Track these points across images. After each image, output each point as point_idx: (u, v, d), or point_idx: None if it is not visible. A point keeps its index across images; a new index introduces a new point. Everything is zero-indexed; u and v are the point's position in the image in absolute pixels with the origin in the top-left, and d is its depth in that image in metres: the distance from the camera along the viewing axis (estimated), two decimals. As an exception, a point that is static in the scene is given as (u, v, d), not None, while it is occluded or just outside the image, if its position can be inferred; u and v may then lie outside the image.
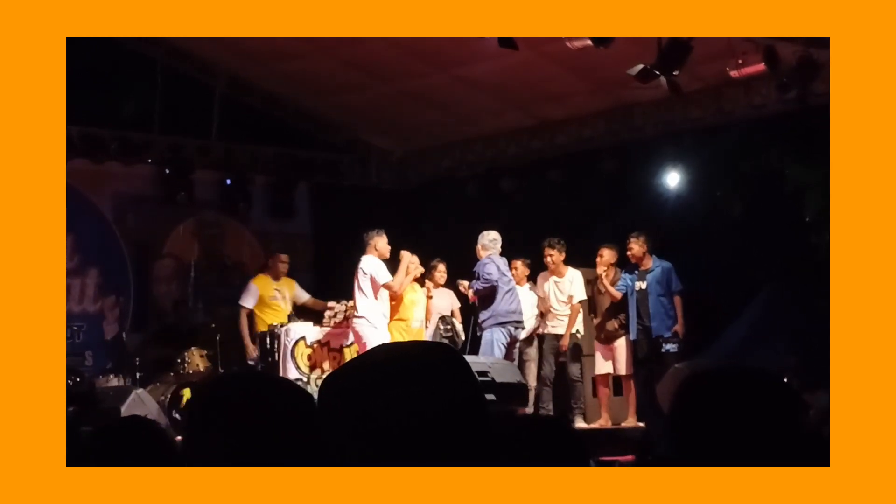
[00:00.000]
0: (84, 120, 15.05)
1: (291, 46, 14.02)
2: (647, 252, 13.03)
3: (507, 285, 12.57)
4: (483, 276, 12.46)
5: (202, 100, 15.98)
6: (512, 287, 12.63)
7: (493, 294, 12.45)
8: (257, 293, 13.47)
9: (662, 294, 12.88)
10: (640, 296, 13.00)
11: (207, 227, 16.37)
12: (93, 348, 14.66)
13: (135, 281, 15.70)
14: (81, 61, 14.79)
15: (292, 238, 16.89)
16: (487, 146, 16.44)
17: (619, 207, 14.53)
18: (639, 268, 13.09)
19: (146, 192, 15.76)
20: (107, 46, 14.91)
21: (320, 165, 17.25)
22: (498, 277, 12.48)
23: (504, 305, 12.46)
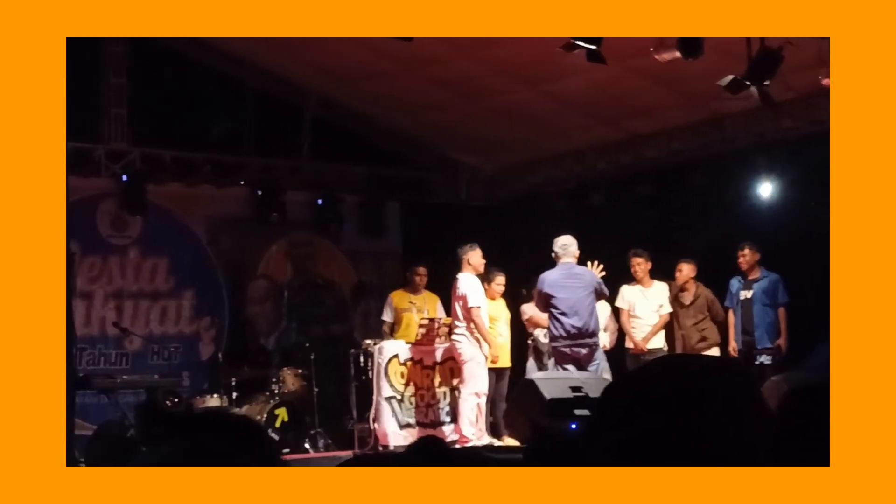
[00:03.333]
0: (176, 144, 15.29)
1: (379, 66, 14.12)
2: (758, 262, 12.88)
3: (562, 304, 11.81)
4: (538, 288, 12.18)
5: (292, 121, 16.15)
6: (565, 307, 11.84)
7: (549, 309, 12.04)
8: (393, 306, 13.54)
9: (768, 304, 12.70)
10: (745, 305, 12.84)
11: (299, 247, 16.49)
12: (189, 369, 14.83)
13: (229, 302, 15.86)
14: (172, 85, 15.08)
15: (383, 256, 16.98)
16: (576, 161, 16.39)
17: (709, 220, 14.40)
18: (746, 277, 12.93)
19: (239, 213, 15.92)
20: (197, 70, 15.15)
21: (410, 183, 17.32)
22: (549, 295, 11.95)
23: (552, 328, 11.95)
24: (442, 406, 13.09)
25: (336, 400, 14.08)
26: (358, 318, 16.62)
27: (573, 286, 11.88)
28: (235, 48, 14.79)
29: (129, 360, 14.88)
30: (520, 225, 16.62)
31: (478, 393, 12.35)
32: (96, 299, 14.81)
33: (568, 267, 11.98)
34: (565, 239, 12.15)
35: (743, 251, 12.90)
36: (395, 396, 12.76)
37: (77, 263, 13.45)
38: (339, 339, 15.80)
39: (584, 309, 11.80)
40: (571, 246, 12.10)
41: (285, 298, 15.94)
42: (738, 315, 12.91)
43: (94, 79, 14.68)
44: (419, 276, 13.65)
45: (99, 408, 13.37)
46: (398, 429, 12.67)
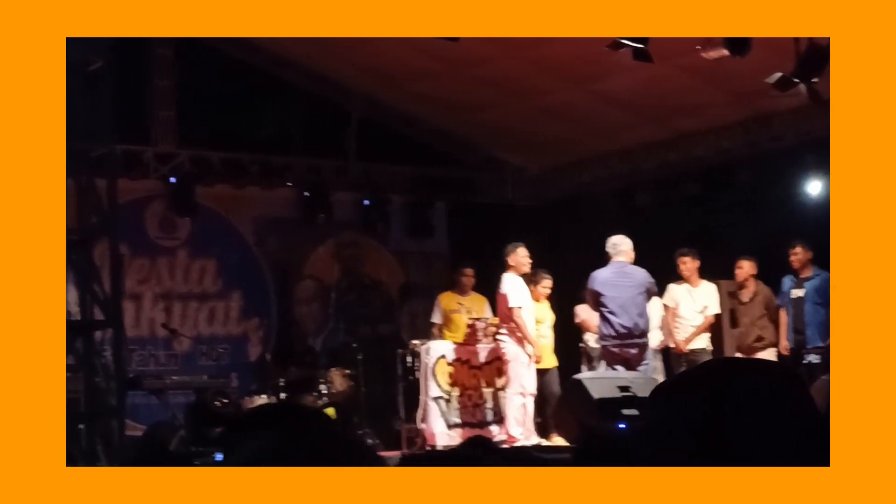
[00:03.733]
0: (224, 145, 15.38)
1: (425, 66, 14.14)
2: (811, 260, 12.74)
3: (611, 303, 11.74)
4: (589, 286, 12.16)
5: (339, 122, 16.19)
6: (614, 305, 11.77)
7: (598, 308, 11.99)
8: (442, 307, 13.55)
9: (819, 303, 12.58)
10: (797, 304, 12.73)
11: (346, 248, 16.53)
12: (238, 370, 14.90)
13: (277, 302, 15.92)
14: (220, 87, 15.17)
15: (430, 256, 16.99)
16: (623, 160, 16.33)
17: (757, 219, 14.31)
18: (798, 275, 12.82)
19: (286, 214, 15.98)
20: (244, 71, 15.23)
21: (456, 184, 17.32)
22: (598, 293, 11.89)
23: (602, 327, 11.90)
24: (489, 406, 13.08)
25: (383, 400, 14.10)
26: (405, 319, 16.64)
27: (623, 285, 11.81)
28: (282, 50, 14.85)
29: (178, 360, 14.97)
30: (567, 225, 16.58)
31: (523, 392, 12.33)
32: (145, 301, 14.91)
33: (619, 266, 11.93)
34: (616, 238, 12.10)
35: (795, 250, 12.78)
36: (442, 396, 12.77)
37: (126, 265, 13.54)
38: (387, 339, 15.81)
39: (634, 308, 11.73)
40: (622, 245, 12.03)
41: (332, 299, 15.97)
42: (789, 314, 12.81)
43: (142, 81, 14.78)
44: (466, 277, 13.64)
45: (149, 408, 13.45)
46: (446, 429, 12.67)
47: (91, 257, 10.64)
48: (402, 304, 16.78)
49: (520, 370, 12.30)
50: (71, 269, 10.79)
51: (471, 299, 13.62)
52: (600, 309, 11.84)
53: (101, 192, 10.58)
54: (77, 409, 10.39)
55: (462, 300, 13.59)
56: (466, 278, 13.63)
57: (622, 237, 12.11)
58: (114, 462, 9.66)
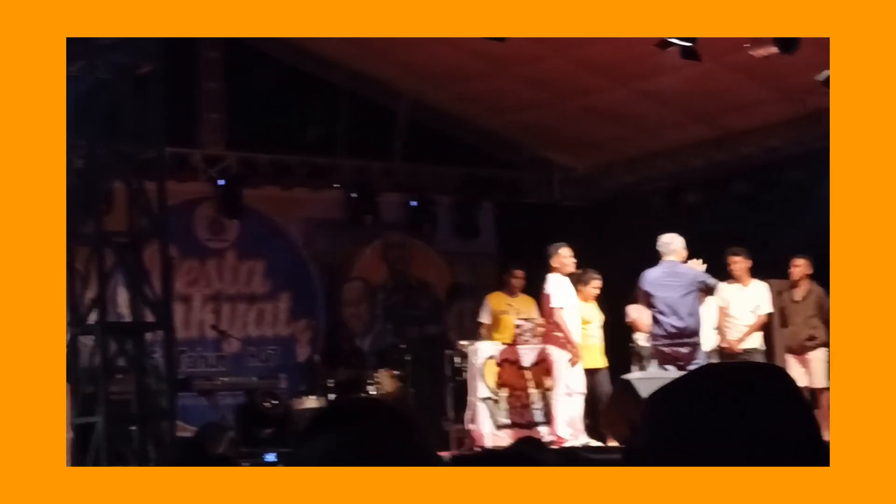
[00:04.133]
0: (272, 147, 15.45)
1: (472, 66, 14.14)
2: None
3: (660, 303, 11.66)
4: (639, 285, 12.07)
5: (385, 123, 16.21)
6: (663, 305, 11.69)
7: (649, 307, 11.89)
8: (490, 308, 13.55)
9: None
10: None
11: (394, 249, 16.56)
12: (286, 371, 14.94)
13: (325, 304, 15.98)
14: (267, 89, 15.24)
15: (477, 257, 16.98)
16: (671, 160, 16.25)
17: (806, 218, 14.19)
18: None
19: (333, 216, 16.03)
20: (291, 74, 15.30)
21: (503, 184, 17.31)
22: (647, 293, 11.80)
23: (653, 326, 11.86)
24: (537, 407, 13.05)
25: (431, 401, 14.10)
26: (453, 319, 16.64)
27: (673, 285, 11.71)
28: (329, 51, 14.89)
29: (227, 362, 15.05)
30: (614, 225, 16.52)
31: (570, 393, 12.29)
32: (195, 302, 15.00)
33: (670, 265, 11.84)
34: (667, 237, 12.00)
35: None
36: (490, 397, 12.75)
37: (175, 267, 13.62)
38: (435, 340, 15.82)
39: (684, 308, 11.64)
40: (673, 244, 11.93)
41: (380, 300, 16.02)
42: None
43: (190, 84, 14.87)
44: (516, 278, 13.61)
45: (199, 409, 13.53)
46: (494, 429, 12.65)
47: (141, 260, 10.71)
48: (449, 305, 16.79)
49: (566, 371, 12.27)
50: (122, 271, 10.88)
51: (520, 300, 13.59)
52: (651, 309, 11.78)
53: (150, 194, 10.64)
54: (128, 411, 10.47)
55: (511, 301, 13.57)
56: (516, 279, 13.60)
57: (673, 236, 12.01)
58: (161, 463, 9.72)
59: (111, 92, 10.48)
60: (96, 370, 10.31)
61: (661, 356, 11.75)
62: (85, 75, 10.43)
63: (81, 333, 10.72)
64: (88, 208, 10.64)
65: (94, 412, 10.23)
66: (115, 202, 11.62)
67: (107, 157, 10.67)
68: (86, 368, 10.52)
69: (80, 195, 10.74)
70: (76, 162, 11.13)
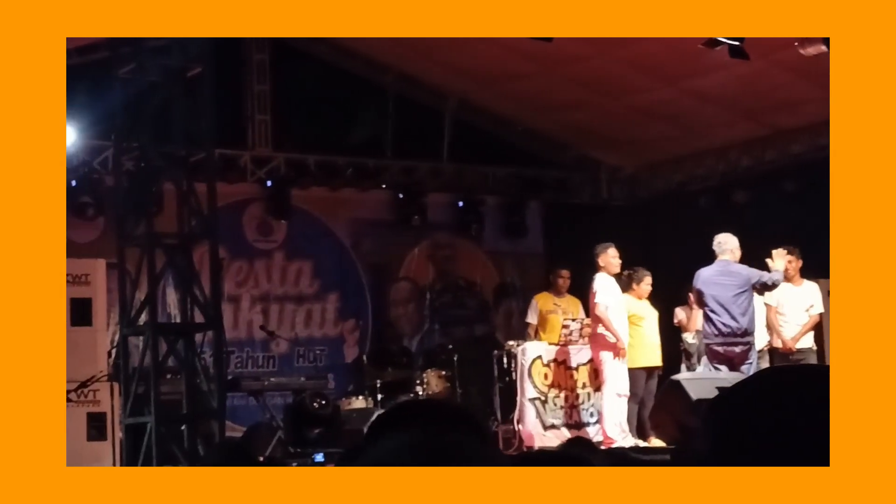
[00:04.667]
0: (319, 148, 15.52)
1: (519, 66, 14.14)
2: None
3: (712, 301, 11.52)
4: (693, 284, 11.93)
5: (432, 123, 16.24)
6: (715, 304, 11.53)
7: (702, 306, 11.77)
8: (538, 308, 13.54)
9: None
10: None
11: (441, 249, 16.58)
12: (334, 371, 15.00)
13: (372, 304, 16.02)
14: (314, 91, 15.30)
15: (525, 257, 16.97)
16: (719, 158, 16.18)
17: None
18: None
19: (381, 216, 16.08)
20: (338, 75, 15.36)
21: (550, 184, 17.30)
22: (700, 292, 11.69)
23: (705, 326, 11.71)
24: (585, 407, 13.03)
25: (479, 401, 14.11)
26: (500, 320, 16.64)
27: (726, 284, 11.62)
28: (376, 52, 14.93)
29: (275, 362, 15.12)
30: (662, 224, 16.46)
31: (619, 393, 12.26)
32: (243, 303, 15.08)
33: (724, 264, 11.75)
34: (722, 237, 11.90)
35: None
36: (539, 398, 12.74)
37: (224, 268, 13.69)
38: (482, 340, 15.84)
39: (736, 308, 11.56)
40: (727, 243, 11.83)
41: (428, 300, 16.04)
42: None
43: (238, 87, 14.96)
44: (563, 278, 13.60)
45: (247, 409, 13.61)
46: (542, 430, 12.64)
47: (191, 261, 10.78)
48: (496, 305, 16.79)
49: (615, 371, 12.24)
50: (171, 272, 10.96)
51: (567, 300, 13.57)
52: (703, 307, 11.72)
53: (200, 196, 10.71)
54: (179, 411, 10.55)
55: (558, 301, 13.55)
56: (563, 280, 13.58)
57: (728, 235, 11.91)
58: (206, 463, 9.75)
59: (161, 94, 10.55)
60: (147, 370, 10.38)
61: (713, 355, 11.67)
62: (135, 78, 10.52)
63: (132, 334, 10.82)
64: (139, 210, 10.72)
65: (145, 412, 10.31)
66: (165, 204, 11.71)
67: (157, 159, 10.75)
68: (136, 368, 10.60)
69: (131, 197, 10.84)
70: (126, 164, 11.24)
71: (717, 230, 12.24)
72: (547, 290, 13.81)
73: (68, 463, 10.97)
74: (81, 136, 13.88)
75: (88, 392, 11.39)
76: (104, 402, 11.48)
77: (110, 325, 12.34)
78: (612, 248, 12.41)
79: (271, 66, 15.20)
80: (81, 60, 13.40)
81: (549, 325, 13.35)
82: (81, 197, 13.94)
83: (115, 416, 11.32)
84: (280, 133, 15.34)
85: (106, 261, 11.84)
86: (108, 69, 10.90)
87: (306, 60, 15.07)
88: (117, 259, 10.77)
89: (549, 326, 13.34)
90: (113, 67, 10.74)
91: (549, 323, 13.37)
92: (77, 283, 11.65)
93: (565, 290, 13.60)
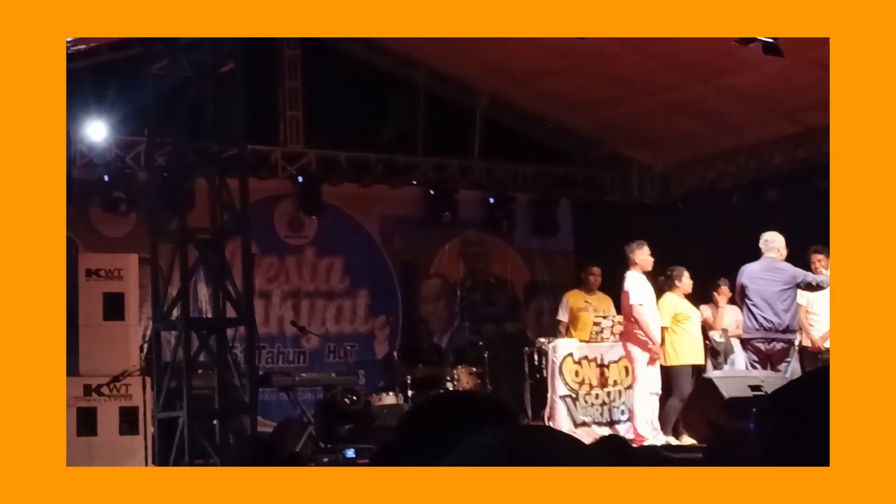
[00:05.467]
0: (350, 145, 15.54)
1: (549, 64, 14.12)
2: None
3: (755, 296, 11.56)
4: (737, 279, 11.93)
5: (463, 121, 16.25)
6: (758, 298, 11.57)
7: (743, 301, 11.78)
8: (569, 306, 13.54)
9: None
10: None
11: (472, 246, 16.57)
12: (365, 367, 15.01)
13: (403, 301, 16.03)
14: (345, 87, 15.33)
15: (555, 255, 16.95)
16: (751, 156, 16.12)
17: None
18: None
19: (412, 213, 16.08)
20: (369, 72, 15.38)
21: (581, 181, 17.27)
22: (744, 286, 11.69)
23: (746, 320, 11.75)
24: (616, 405, 13.00)
25: (510, 398, 14.09)
26: (531, 317, 16.63)
27: (771, 279, 11.65)
28: (407, 49, 14.94)
29: (306, 358, 15.14)
30: (693, 222, 16.41)
31: (651, 391, 12.23)
32: (274, 298, 15.12)
33: (770, 261, 11.78)
34: (769, 235, 11.95)
35: None
36: (569, 395, 12.72)
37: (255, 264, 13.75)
38: (513, 337, 15.83)
39: (780, 304, 11.58)
40: (774, 241, 11.88)
41: (458, 297, 16.04)
42: None
43: (270, 83, 14.99)
44: (594, 276, 13.59)
45: (279, 405, 13.63)
46: (573, 427, 12.61)
47: (223, 256, 10.80)
48: (527, 303, 16.78)
49: (646, 369, 12.21)
50: (203, 267, 10.99)
51: (597, 298, 13.55)
52: (745, 302, 11.72)
53: (232, 191, 10.73)
54: (210, 406, 10.58)
55: (589, 299, 13.53)
56: (594, 277, 13.57)
57: (775, 234, 11.95)
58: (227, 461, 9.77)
59: (194, 90, 10.58)
60: (179, 365, 10.41)
61: (753, 351, 11.68)
62: (168, 74, 10.55)
63: (164, 329, 10.85)
64: (172, 205, 10.75)
65: (177, 407, 10.34)
66: (197, 199, 11.75)
67: (189, 155, 10.77)
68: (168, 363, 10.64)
69: (164, 192, 10.87)
70: (159, 159, 11.28)
71: (748, 229, 12.23)
72: (578, 287, 13.80)
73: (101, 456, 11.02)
74: (114, 131, 13.94)
75: (121, 386, 11.45)
76: (136, 397, 11.53)
77: (142, 320, 12.39)
78: (646, 245, 12.38)
79: (302, 62, 15.23)
80: (114, 56, 13.47)
81: (581, 323, 13.33)
82: (114, 192, 14.00)
83: (148, 410, 11.36)
84: (311, 129, 15.37)
85: (138, 256, 11.90)
86: (142, 65, 10.94)
87: (337, 57, 15.10)
88: (150, 254, 10.80)
89: (580, 324, 13.32)
90: (146, 63, 10.78)
91: (580, 320, 13.35)
92: (110, 277, 11.71)
93: (596, 287, 13.59)
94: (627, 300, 12.19)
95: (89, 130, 13.77)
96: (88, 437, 11.25)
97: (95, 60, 13.62)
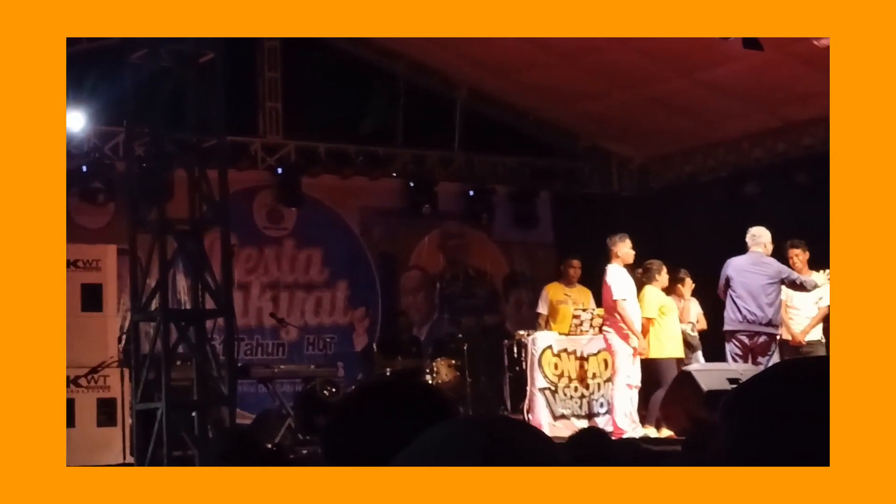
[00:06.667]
0: (330, 136, 15.50)
1: (530, 56, 14.11)
2: None
3: (741, 288, 11.72)
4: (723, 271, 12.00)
5: (443, 112, 16.23)
6: (743, 291, 11.73)
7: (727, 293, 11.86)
8: (548, 298, 13.54)
9: None
10: None
11: (451, 238, 16.57)
12: (344, 359, 15.00)
13: (382, 293, 16.01)
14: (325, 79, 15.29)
15: (535, 247, 16.96)
16: (731, 150, 16.15)
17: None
18: None
19: (391, 205, 16.07)
20: (349, 63, 15.34)
21: (561, 174, 17.28)
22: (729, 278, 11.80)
23: (730, 312, 11.83)
24: (595, 397, 13.01)
25: (489, 391, 14.10)
26: (510, 309, 16.64)
27: (756, 272, 11.82)
28: (387, 41, 14.91)
29: (285, 350, 15.12)
30: (673, 215, 16.43)
31: (630, 384, 12.25)
32: (253, 290, 15.08)
33: (757, 256, 11.91)
34: (756, 230, 12.10)
35: None
36: (548, 387, 12.72)
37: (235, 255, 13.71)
38: (492, 329, 15.84)
39: (764, 298, 11.71)
40: (761, 237, 12.03)
41: (438, 289, 16.04)
42: None
43: (249, 74, 14.95)
44: (573, 268, 13.59)
45: (257, 397, 13.61)
46: (552, 420, 12.63)
47: (202, 247, 10.75)
48: (506, 295, 16.79)
49: (625, 362, 12.22)
50: (182, 259, 10.93)
51: (577, 290, 13.56)
52: (730, 294, 11.79)
53: (211, 182, 10.68)
54: (189, 397, 10.54)
55: (569, 291, 13.54)
56: (573, 270, 13.58)
57: (762, 229, 12.10)
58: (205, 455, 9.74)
59: (173, 80, 10.52)
60: (157, 356, 10.37)
61: (738, 345, 11.76)
62: (147, 64, 10.49)
63: (143, 320, 10.80)
64: (150, 196, 10.69)
65: (155, 398, 10.30)
66: (176, 190, 11.70)
67: (168, 145, 10.72)
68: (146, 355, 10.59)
69: (142, 183, 10.81)
70: (137, 150, 11.22)
71: (727, 222, 12.28)
72: (557, 280, 13.80)
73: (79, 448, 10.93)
74: (92, 121, 13.88)
75: (99, 378, 11.41)
76: (114, 388, 11.49)
77: (121, 311, 12.35)
78: (628, 238, 12.40)
79: (282, 53, 15.19)
80: (92, 46, 13.40)
81: (560, 315, 13.33)
82: (92, 182, 13.94)
83: (126, 401, 11.32)
84: (291, 120, 15.34)
85: (117, 246, 11.85)
86: (120, 54, 10.87)
87: (317, 48, 15.05)
88: (128, 245, 10.74)
89: (560, 316, 13.33)
90: (125, 53, 10.71)
91: (559, 313, 13.36)
92: (88, 268, 11.66)
93: (576, 280, 13.59)
94: (610, 294, 12.18)
95: (67, 120, 13.70)
96: (66, 429, 11.20)
97: (73, 50, 13.50)
